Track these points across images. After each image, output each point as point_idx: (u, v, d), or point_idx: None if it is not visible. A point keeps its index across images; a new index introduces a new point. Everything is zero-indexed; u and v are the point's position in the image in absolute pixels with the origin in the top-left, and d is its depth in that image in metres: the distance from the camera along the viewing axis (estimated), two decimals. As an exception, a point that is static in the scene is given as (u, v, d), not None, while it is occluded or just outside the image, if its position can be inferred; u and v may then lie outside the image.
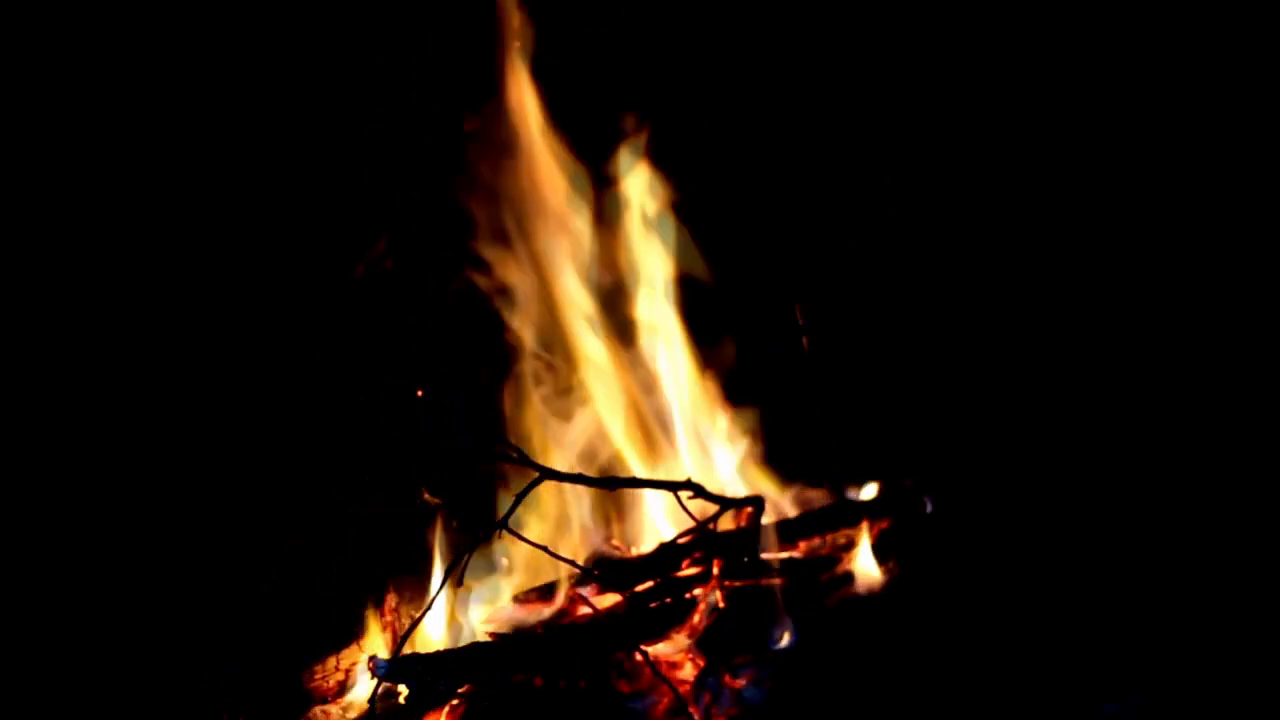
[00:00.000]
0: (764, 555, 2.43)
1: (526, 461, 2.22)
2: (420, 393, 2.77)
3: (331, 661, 2.32)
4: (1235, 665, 1.95)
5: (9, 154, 2.53)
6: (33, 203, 2.55)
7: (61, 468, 2.50)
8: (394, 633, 2.35)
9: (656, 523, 2.61)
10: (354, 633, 2.37)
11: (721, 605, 2.25)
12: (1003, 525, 2.47)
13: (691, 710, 2.00)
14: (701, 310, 2.77)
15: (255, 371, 2.68)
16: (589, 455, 2.66)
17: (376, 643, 2.38)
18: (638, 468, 2.67)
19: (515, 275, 2.77)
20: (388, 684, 2.05)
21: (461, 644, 2.22)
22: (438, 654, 2.10)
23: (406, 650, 2.10)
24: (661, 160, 2.80)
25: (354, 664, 2.32)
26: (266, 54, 2.70)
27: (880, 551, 2.39)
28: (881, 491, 2.61)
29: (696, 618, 2.26)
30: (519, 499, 2.14)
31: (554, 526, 2.56)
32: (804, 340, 2.93)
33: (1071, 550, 2.32)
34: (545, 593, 2.40)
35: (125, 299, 2.61)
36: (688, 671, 2.14)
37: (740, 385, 2.76)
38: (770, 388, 2.88)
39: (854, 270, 2.99)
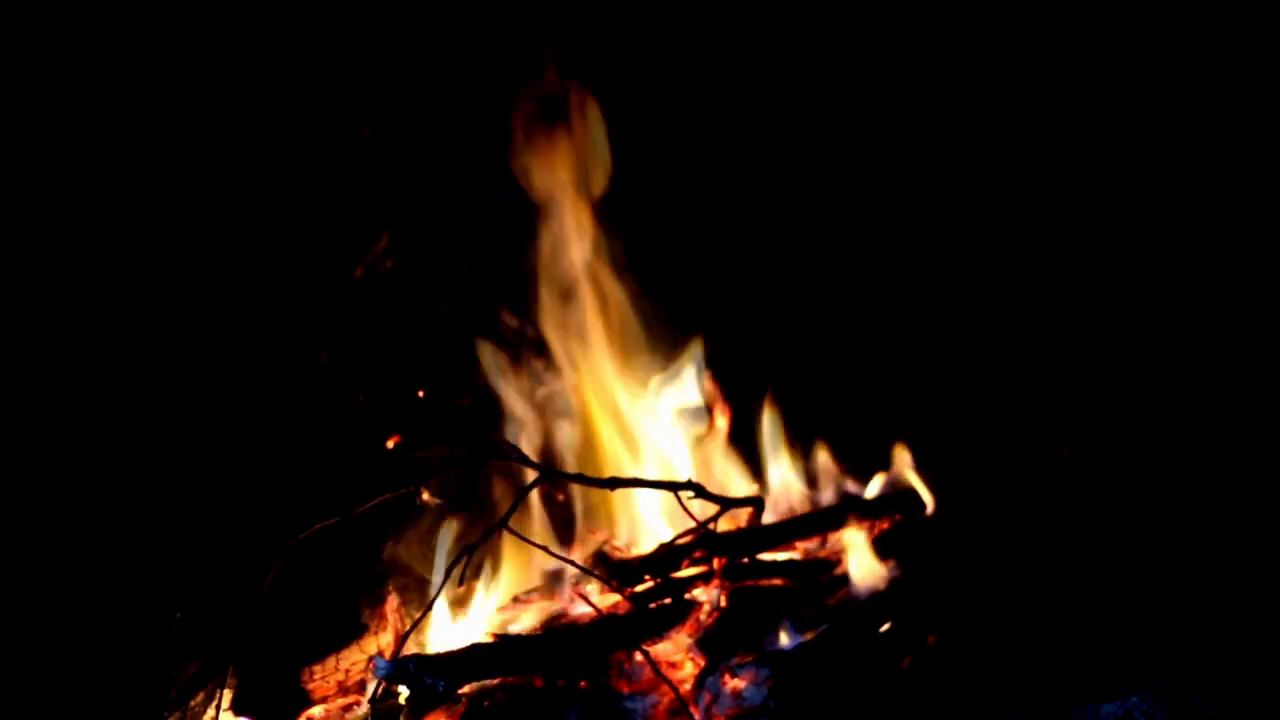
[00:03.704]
0: (764, 555, 2.44)
1: (526, 461, 2.23)
2: (421, 393, 2.77)
3: (331, 661, 2.32)
4: (1233, 665, 1.95)
5: (10, 154, 2.53)
6: (34, 204, 2.55)
7: (64, 468, 2.50)
8: (394, 633, 2.35)
9: (657, 523, 2.62)
10: (354, 633, 2.37)
11: (722, 605, 2.24)
12: (1002, 525, 2.47)
13: (691, 710, 1.99)
14: (701, 310, 2.78)
15: (257, 372, 2.68)
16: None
17: (376, 643, 2.38)
18: (638, 467, 2.68)
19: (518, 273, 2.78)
20: (388, 684, 2.04)
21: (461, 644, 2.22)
22: (438, 655, 2.10)
23: (407, 650, 2.10)
24: (664, 157, 2.81)
25: (354, 664, 2.32)
26: (268, 54, 2.70)
27: (880, 551, 2.39)
28: (882, 491, 2.61)
29: (698, 617, 2.26)
30: (519, 499, 2.14)
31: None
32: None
33: (1070, 550, 2.32)
34: (545, 593, 2.41)
35: (127, 299, 2.61)
36: (688, 671, 2.14)
37: (742, 384, 2.77)
38: (771, 387, 2.88)
39: (854, 269, 2.99)
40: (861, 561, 2.38)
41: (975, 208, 2.93)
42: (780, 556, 2.48)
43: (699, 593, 2.33)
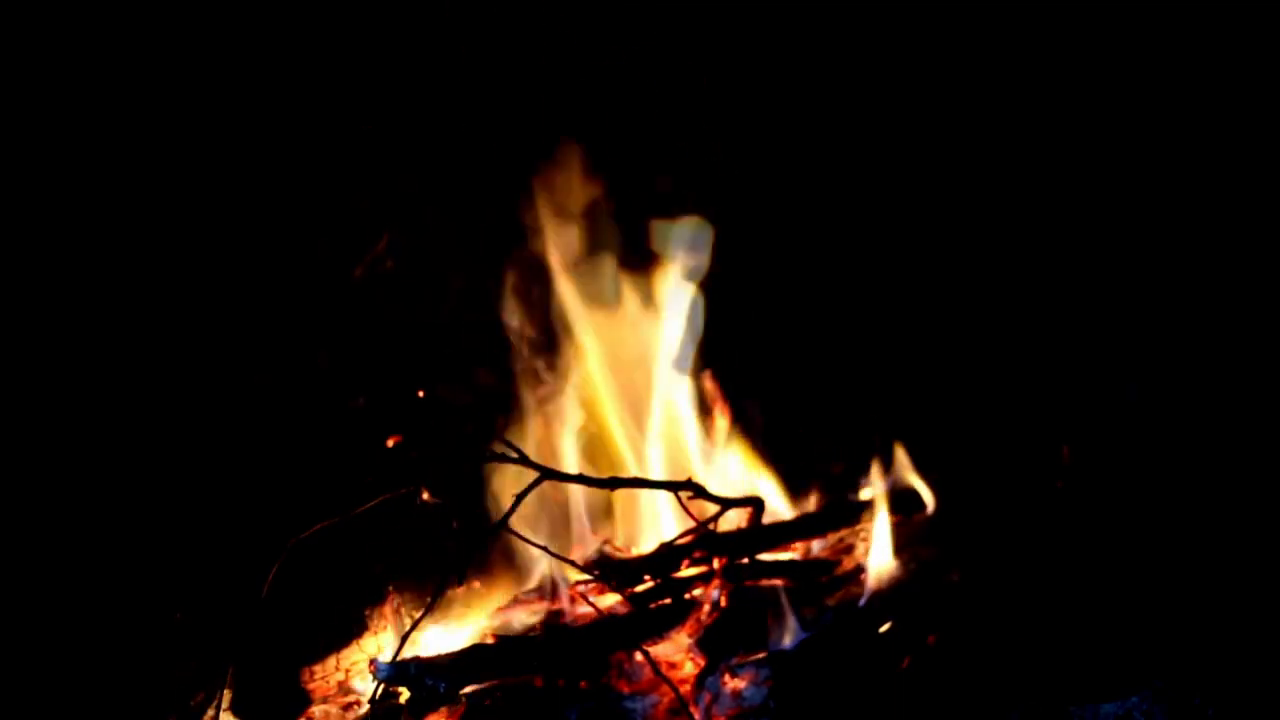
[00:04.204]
0: (764, 555, 2.43)
1: (526, 461, 2.22)
2: (421, 393, 2.77)
3: (331, 661, 2.32)
4: (1233, 665, 1.95)
5: (10, 154, 2.53)
6: (34, 203, 2.55)
7: (65, 468, 2.50)
8: (394, 633, 2.35)
9: (657, 522, 2.62)
10: (354, 633, 2.37)
11: (723, 605, 2.24)
12: (1002, 525, 2.47)
13: (692, 710, 1.99)
14: (702, 310, 2.78)
15: (257, 372, 2.68)
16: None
17: (376, 643, 2.38)
18: (639, 467, 2.68)
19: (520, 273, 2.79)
20: (388, 686, 2.04)
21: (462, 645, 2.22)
22: (439, 656, 2.10)
23: (407, 651, 2.10)
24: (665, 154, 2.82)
25: (354, 664, 2.32)
26: (268, 52, 2.70)
27: (881, 551, 2.39)
28: (882, 492, 2.61)
29: (698, 617, 2.26)
30: (519, 499, 2.14)
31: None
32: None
33: (1070, 550, 2.32)
34: (545, 593, 2.40)
35: (127, 300, 2.61)
36: (688, 671, 2.14)
37: (741, 384, 2.77)
38: (770, 387, 2.88)
39: (856, 268, 2.99)
40: (862, 561, 2.38)
41: (977, 208, 2.93)
42: (780, 557, 2.48)
43: (699, 593, 2.33)
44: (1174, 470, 2.53)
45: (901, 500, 2.57)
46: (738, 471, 2.68)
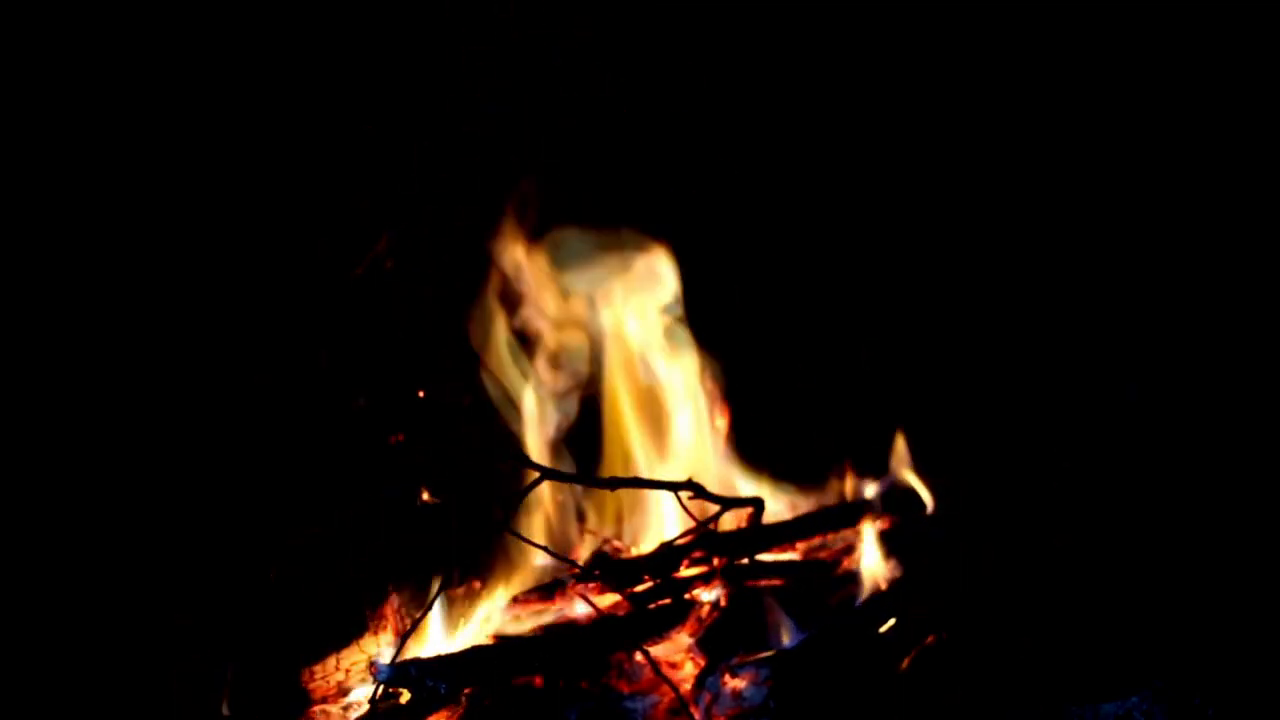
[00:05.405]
0: (764, 555, 2.43)
1: (527, 461, 2.23)
2: (421, 393, 2.77)
3: (331, 661, 2.32)
4: (1233, 665, 1.95)
5: (9, 153, 2.53)
6: (34, 202, 2.55)
7: (65, 469, 2.50)
8: (394, 633, 2.35)
9: (658, 523, 2.62)
10: (354, 633, 2.37)
11: (722, 605, 2.24)
12: (1001, 524, 2.47)
13: (692, 710, 1.99)
14: (703, 310, 2.78)
15: (258, 371, 2.68)
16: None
17: (376, 643, 2.38)
18: (640, 467, 2.68)
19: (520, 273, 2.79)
20: (388, 686, 2.04)
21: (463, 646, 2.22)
22: (439, 657, 2.10)
23: (407, 651, 2.10)
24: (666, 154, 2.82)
25: (354, 664, 2.32)
26: (269, 51, 2.70)
27: (881, 551, 2.39)
28: (882, 491, 2.61)
29: (698, 617, 2.26)
30: (519, 499, 2.14)
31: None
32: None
33: (1070, 550, 2.32)
34: (545, 593, 2.40)
35: (127, 298, 2.61)
36: (688, 671, 2.14)
37: (741, 384, 2.77)
38: (771, 386, 2.88)
39: (855, 269, 2.99)
40: (862, 561, 2.38)
41: (978, 207, 2.93)
42: (780, 557, 2.48)
43: (699, 593, 2.33)
44: (1174, 470, 2.53)
45: (902, 500, 2.57)
46: (738, 471, 2.69)
